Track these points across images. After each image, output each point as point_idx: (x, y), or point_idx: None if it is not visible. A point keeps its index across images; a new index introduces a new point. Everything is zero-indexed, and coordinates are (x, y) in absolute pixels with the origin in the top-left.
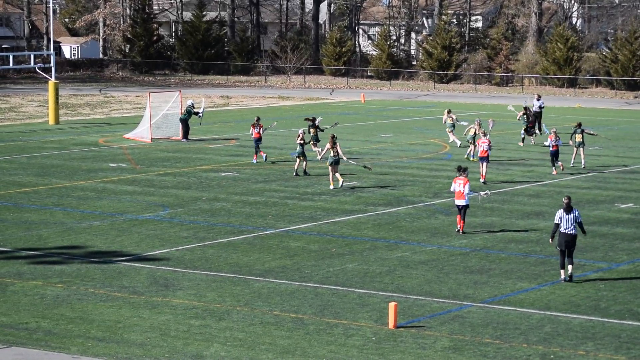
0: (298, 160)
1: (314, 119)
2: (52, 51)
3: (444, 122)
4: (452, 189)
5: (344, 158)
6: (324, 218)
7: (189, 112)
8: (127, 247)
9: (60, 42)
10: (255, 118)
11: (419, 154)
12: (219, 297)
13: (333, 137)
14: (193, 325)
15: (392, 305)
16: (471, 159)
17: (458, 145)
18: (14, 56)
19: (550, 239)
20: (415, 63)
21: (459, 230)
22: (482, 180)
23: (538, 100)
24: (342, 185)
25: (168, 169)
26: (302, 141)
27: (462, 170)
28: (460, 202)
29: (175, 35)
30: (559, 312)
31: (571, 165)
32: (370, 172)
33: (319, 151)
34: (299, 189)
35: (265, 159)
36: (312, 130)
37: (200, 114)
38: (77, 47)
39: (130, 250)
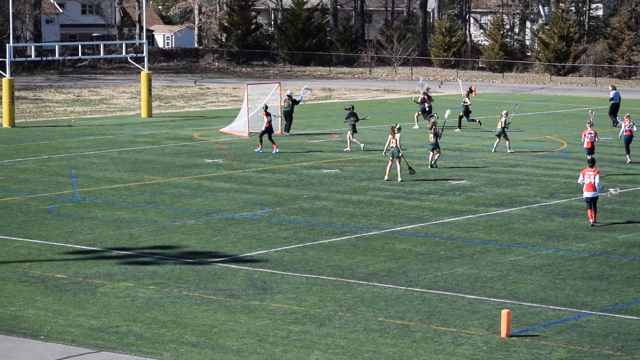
0: (431, 152)
1: (352, 108)
2: (144, 40)
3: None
4: (579, 182)
5: (401, 152)
6: (432, 219)
7: (294, 102)
8: (223, 247)
9: (153, 31)
10: (264, 106)
11: (534, 152)
12: (319, 301)
13: (394, 127)
14: (292, 331)
15: (504, 312)
16: (492, 150)
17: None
18: (104, 45)
19: None
20: (530, 54)
21: (592, 224)
22: None
23: (613, 90)
24: (400, 180)
25: (266, 165)
26: (435, 133)
27: (592, 162)
28: (590, 194)
29: (274, 23)
30: None
31: None
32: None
33: (357, 141)
34: (405, 187)
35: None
36: (352, 119)
37: (300, 100)
38: (171, 35)
39: (227, 251)
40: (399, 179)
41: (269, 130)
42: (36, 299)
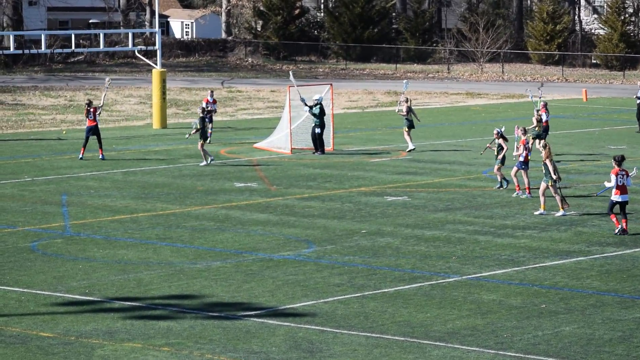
0: None
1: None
2: (157, 29)
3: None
4: (612, 184)
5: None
6: (530, 261)
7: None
8: (257, 297)
9: (168, 17)
10: (86, 102)
11: None
12: None
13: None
14: None
15: None
16: None
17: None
18: (105, 35)
19: None
20: None
21: (623, 232)
22: None
23: None
24: (565, 211)
25: (314, 191)
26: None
27: (621, 160)
28: (623, 197)
29: (324, 8)
30: None
31: None
32: None
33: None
34: (494, 220)
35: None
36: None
37: (308, 105)
38: (191, 23)
39: (263, 302)
40: (561, 212)
41: (93, 130)
42: None
